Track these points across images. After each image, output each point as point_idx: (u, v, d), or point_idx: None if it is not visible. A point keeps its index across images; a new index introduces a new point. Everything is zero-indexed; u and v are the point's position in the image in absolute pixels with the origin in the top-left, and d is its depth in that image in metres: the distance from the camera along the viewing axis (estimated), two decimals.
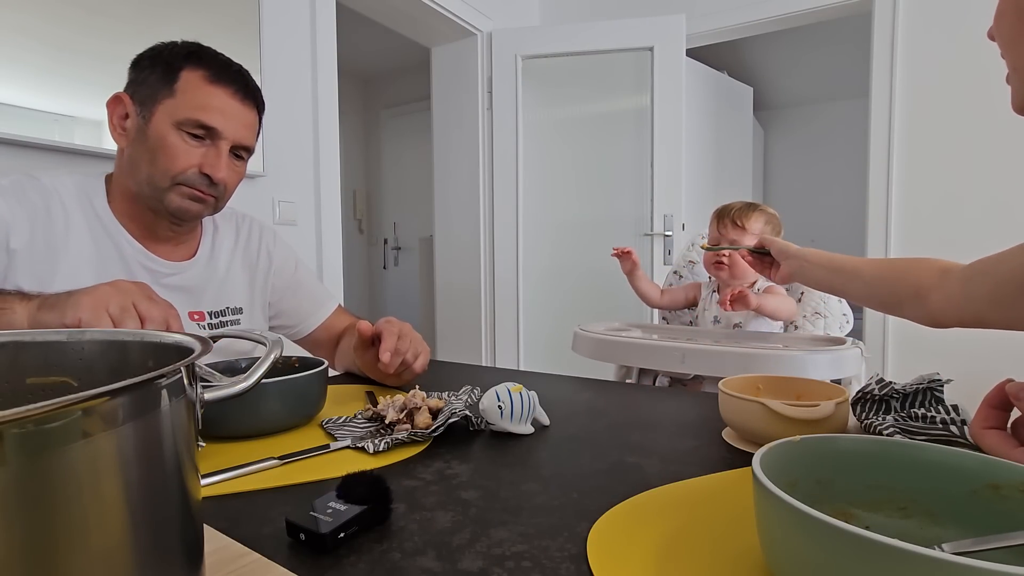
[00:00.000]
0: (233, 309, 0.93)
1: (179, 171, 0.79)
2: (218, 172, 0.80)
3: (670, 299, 1.54)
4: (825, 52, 3.68)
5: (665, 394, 0.85)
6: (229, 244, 0.96)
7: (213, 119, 0.79)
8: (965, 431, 0.48)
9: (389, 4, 2.37)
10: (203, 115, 0.78)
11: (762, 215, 1.34)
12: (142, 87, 0.79)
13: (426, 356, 0.85)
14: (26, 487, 0.19)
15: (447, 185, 2.85)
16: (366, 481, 0.41)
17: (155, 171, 0.79)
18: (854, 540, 0.25)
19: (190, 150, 0.79)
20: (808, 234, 4.09)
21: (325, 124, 1.99)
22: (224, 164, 0.81)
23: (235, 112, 0.82)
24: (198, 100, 0.78)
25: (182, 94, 0.78)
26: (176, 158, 0.78)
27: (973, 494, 0.34)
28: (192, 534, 0.28)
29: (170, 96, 0.78)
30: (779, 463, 0.35)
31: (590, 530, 0.40)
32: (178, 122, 0.78)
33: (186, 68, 0.79)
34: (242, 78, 0.83)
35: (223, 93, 0.80)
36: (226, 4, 1.65)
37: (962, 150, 2.09)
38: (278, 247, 1.03)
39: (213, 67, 0.80)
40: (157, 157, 0.78)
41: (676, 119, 2.49)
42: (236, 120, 0.82)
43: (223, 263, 0.94)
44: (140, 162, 0.80)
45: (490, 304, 2.77)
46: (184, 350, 0.32)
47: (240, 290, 0.96)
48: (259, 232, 1.01)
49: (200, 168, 0.80)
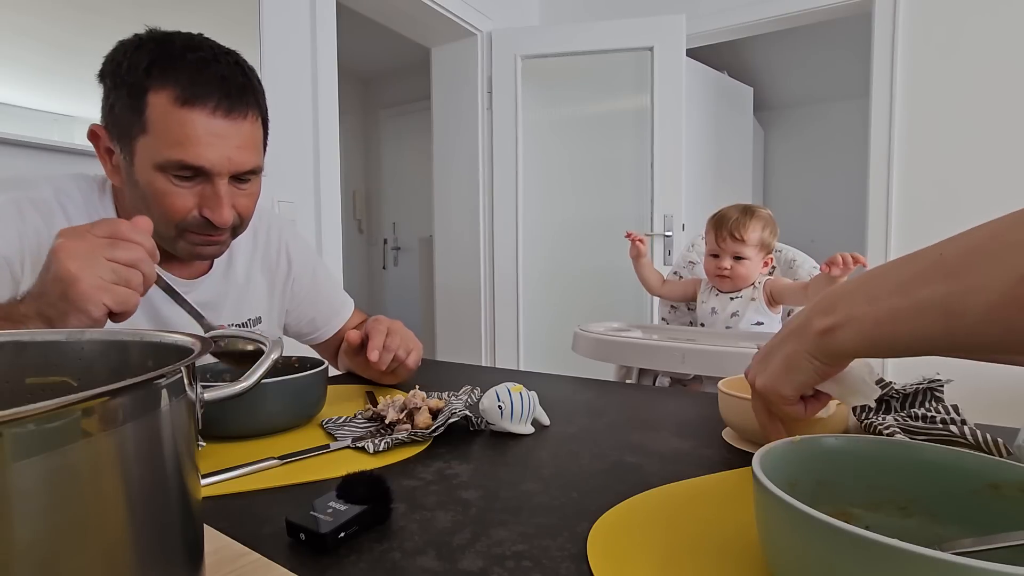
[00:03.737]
0: (254, 320, 0.88)
1: (180, 218, 0.69)
2: (221, 215, 0.69)
3: (669, 289, 1.55)
4: (825, 52, 3.68)
5: (665, 394, 0.85)
6: (247, 250, 0.89)
7: (196, 156, 0.65)
8: (965, 431, 0.48)
9: (389, 4, 2.37)
10: (183, 154, 0.65)
11: (759, 221, 1.35)
12: (114, 118, 0.68)
13: (418, 352, 0.82)
14: (26, 487, 0.19)
15: (447, 185, 2.84)
16: (366, 481, 0.41)
17: (155, 219, 0.66)
18: (854, 540, 0.24)
19: (184, 193, 0.68)
20: (808, 234, 4.09)
21: (325, 124, 1.99)
22: (226, 203, 0.69)
23: (222, 134, 0.67)
24: (173, 134, 0.65)
25: (154, 127, 0.65)
26: (172, 206, 0.68)
27: (973, 494, 0.34)
28: (192, 534, 0.28)
29: (143, 132, 0.65)
30: (779, 463, 0.35)
31: (590, 530, 0.40)
32: (159, 164, 0.66)
33: (152, 89, 0.64)
34: (224, 83, 0.67)
35: (201, 115, 0.65)
36: (226, 4, 1.65)
37: (962, 150, 2.09)
38: (297, 247, 0.96)
39: (183, 79, 0.65)
40: (151, 204, 0.68)
41: (676, 119, 2.49)
42: (225, 145, 0.67)
43: (242, 272, 0.87)
44: (139, 206, 0.70)
45: (490, 304, 2.77)
46: (184, 350, 0.32)
47: (259, 298, 0.90)
48: (278, 231, 0.94)
49: (200, 211, 0.69)
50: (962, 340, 0.31)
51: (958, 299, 0.30)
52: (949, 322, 0.31)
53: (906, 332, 0.33)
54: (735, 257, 1.35)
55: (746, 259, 1.34)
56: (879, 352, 0.35)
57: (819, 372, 0.39)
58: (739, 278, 1.35)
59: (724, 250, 1.35)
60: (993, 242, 0.30)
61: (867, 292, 0.35)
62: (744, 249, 1.33)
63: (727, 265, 1.35)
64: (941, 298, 0.31)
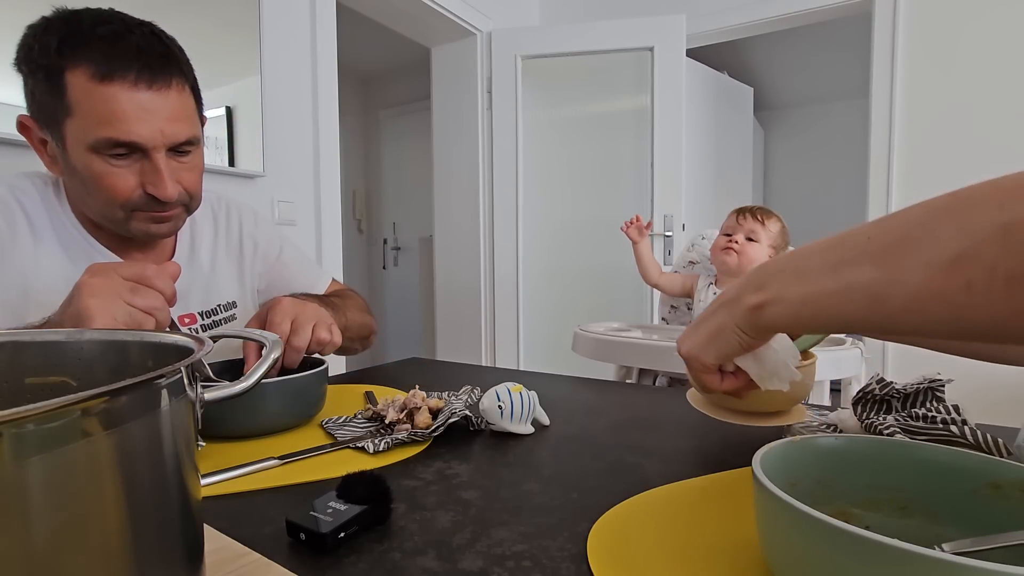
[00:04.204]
0: (225, 305, 0.88)
1: (124, 198, 0.67)
2: (164, 190, 0.67)
3: (667, 281, 1.55)
4: (825, 52, 3.68)
5: (665, 394, 0.85)
6: (209, 235, 0.88)
7: (126, 132, 0.64)
8: (965, 431, 0.48)
9: (389, 4, 2.37)
10: (111, 131, 0.63)
11: (779, 222, 1.38)
12: (38, 105, 0.66)
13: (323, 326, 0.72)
14: (26, 487, 0.19)
15: (447, 185, 2.85)
16: (366, 481, 0.41)
17: (101, 203, 0.68)
18: (854, 540, 0.24)
19: (123, 172, 0.66)
20: (808, 235, 4.07)
21: (325, 124, 1.99)
22: (167, 177, 0.67)
23: (149, 107, 0.64)
24: (98, 112, 0.62)
25: (78, 108, 0.63)
26: (113, 187, 0.66)
27: (973, 494, 0.34)
28: (192, 534, 0.28)
29: (69, 115, 0.63)
30: (779, 463, 0.35)
31: (590, 530, 0.40)
32: (91, 146, 0.64)
33: (67, 69, 0.62)
34: (141, 54, 0.64)
35: (122, 89, 0.63)
36: (226, 4, 1.65)
37: (962, 150, 2.08)
38: (260, 228, 0.95)
39: (96, 55, 0.62)
40: (93, 189, 0.67)
41: (676, 119, 2.49)
42: (154, 118, 0.65)
43: (206, 258, 0.87)
44: (82, 194, 0.69)
45: (490, 304, 2.77)
46: (184, 350, 0.32)
47: (229, 283, 0.89)
48: (238, 215, 0.93)
49: (144, 188, 0.68)
50: (887, 324, 0.32)
51: (882, 287, 0.31)
52: (874, 306, 0.32)
53: (833, 313, 0.34)
54: (748, 237, 1.35)
55: (757, 242, 1.35)
56: (805, 328, 0.37)
57: (742, 343, 0.41)
58: (745, 257, 1.34)
59: (740, 227, 1.35)
60: (917, 230, 0.30)
61: (796, 270, 0.37)
62: (760, 232, 1.34)
63: (739, 240, 1.34)
64: (866, 283, 0.32)
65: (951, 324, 0.29)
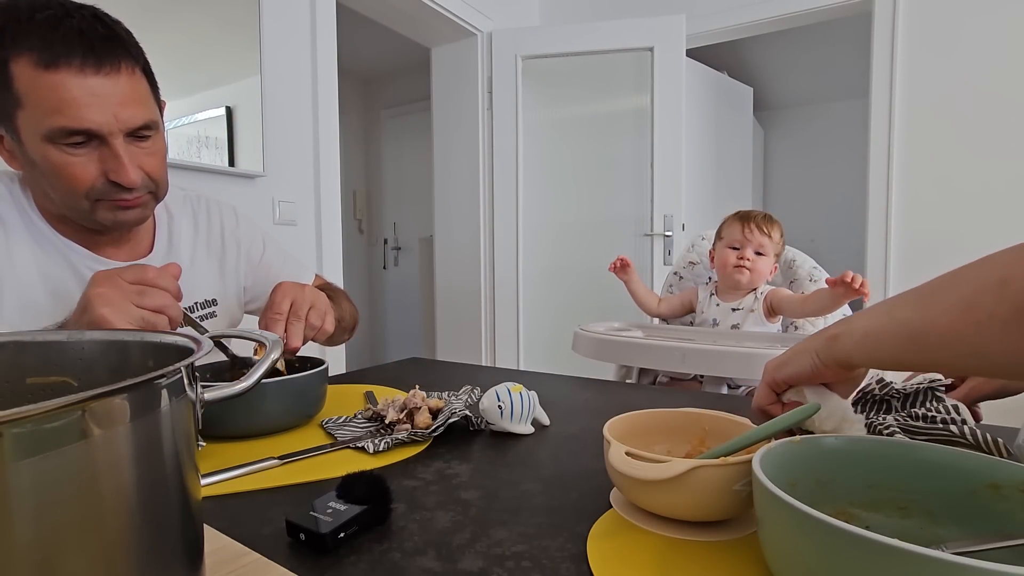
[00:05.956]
0: (204, 303, 0.86)
1: (86, 188, 0.66)
2: (127, 175, 0.66)
3: (668, 307, 1.54)
4: (825, 52, 3.68)
5: (665, 394, 0.85)
6: (188, 232, 0.87)
7: (79, 119, 0.62)
8: (965, 431, 0.48)
9: (389, 4, 2.37)
10: (64, 120, 0.61)
11: (780, 227, 1.38)
12: None
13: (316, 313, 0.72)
14: (26, 487, 0.19)
15: (447, 185, 2.85)
16: (366, 481, 0.41)
17: (63, 195, 0.67)
18: (854, 540, 0.25)
19: (82, 161, 0.65)
20: (808, 234, 4.09)
21: (325, 124, 1.99)
22: (127, 163, 0.66)
23: (100, 92, 0.63)
24: (47, 101, 0.61)
25: (27, 98, 0.61)
26: (74, 176, 0.65)
27: (973, 494, 0.34)
28: (192, 534, 0.28)
29: (19, 106, 0.62)
30: (779, 463, 0.35)
31: (590, 530, 0.40)
32: (45, 136, 0.62)
33: (11, 59, 0.60)
34: (83, 38, 0.62)
35: (69, 76, 0.61)
36: (226, 4, 1.65)
37: (962, 150, 2.08)
38: (241, 227, 0.94)
39: (36, 41, 0.60)
40: (54, 180, 0.65)
41: (676, 119, 2.49)
42: (106, 103, 0.63)
43: (185, 255, 0.85)
44: (45, 187, 0.67)
45: (490, 304, 2.77)
46: (184, 350, 0.32)
47: (209, 281, 0.88)
48: (218, 214, 0.92)
49: (106, 176, 0.66)
50: (927, 358, 0.37)
51: (920, 325, 0.36)
52: (915, 340, 0.37)
53: (886, 346, 0.39)
54: (757, 252, 1.34)
55: (765, 256, 1.34)
56: (867, 359, 0.41)
57: (814, 367, 0.44)
58: (757, 273, 1.34)
59: (748, 241, 1.34)
60: (949, 279, 0.36)
61: (868, 311, 0.42)
62: (768, 245, 1.34)
63: (750, 256, 1.34)
64: (908, 320, 0.37)
65: (974, 359, 0.34)
